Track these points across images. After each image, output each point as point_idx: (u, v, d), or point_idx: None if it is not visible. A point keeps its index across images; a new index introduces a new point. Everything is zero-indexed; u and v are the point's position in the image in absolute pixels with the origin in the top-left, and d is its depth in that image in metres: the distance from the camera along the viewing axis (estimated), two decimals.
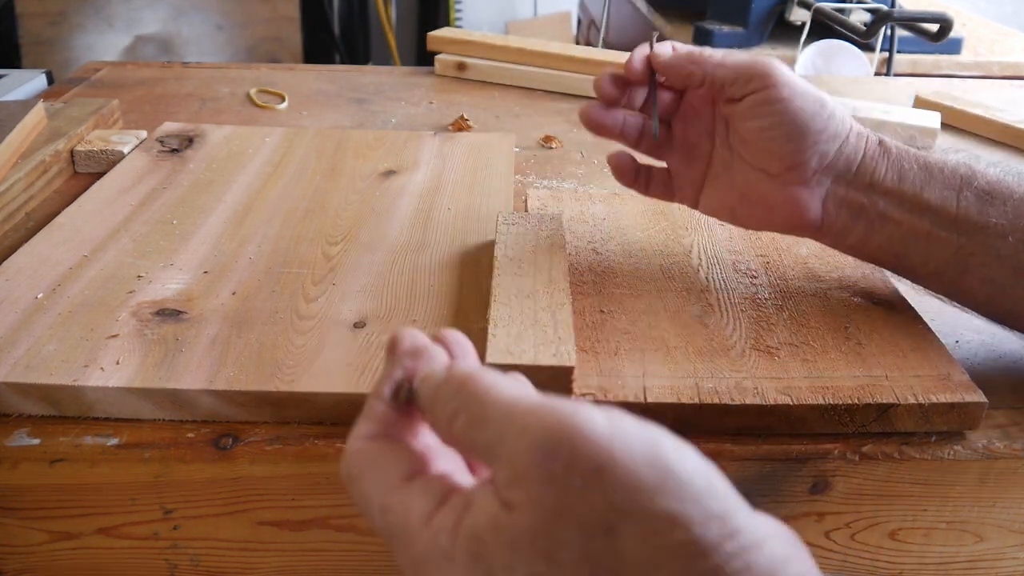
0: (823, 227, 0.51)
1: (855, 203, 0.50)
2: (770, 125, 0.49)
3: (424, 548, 0.27)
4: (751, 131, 0.50)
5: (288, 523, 0.45)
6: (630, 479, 0.24)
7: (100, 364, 0.46)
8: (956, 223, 0.48)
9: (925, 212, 0.49)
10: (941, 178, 0.49)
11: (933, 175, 0.49)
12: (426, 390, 0.30)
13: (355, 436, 0.31)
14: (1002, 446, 0.45)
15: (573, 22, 3.16)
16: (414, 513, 0.28)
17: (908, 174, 0.49)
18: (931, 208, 0.49)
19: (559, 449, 0.25)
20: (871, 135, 0.51)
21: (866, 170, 0.50)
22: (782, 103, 0.48)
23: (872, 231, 0.50)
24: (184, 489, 0.44)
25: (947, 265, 0.49)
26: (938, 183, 0.49)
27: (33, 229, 0.63)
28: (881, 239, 0.50)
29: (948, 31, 1.29)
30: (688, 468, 0.25)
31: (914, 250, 0.49)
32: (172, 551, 0.45)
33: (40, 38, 2.29)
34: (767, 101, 0.48)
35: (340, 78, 1.08)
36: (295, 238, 0.61)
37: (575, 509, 0.25)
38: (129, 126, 0.87)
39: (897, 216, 0.49)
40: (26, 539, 0.45)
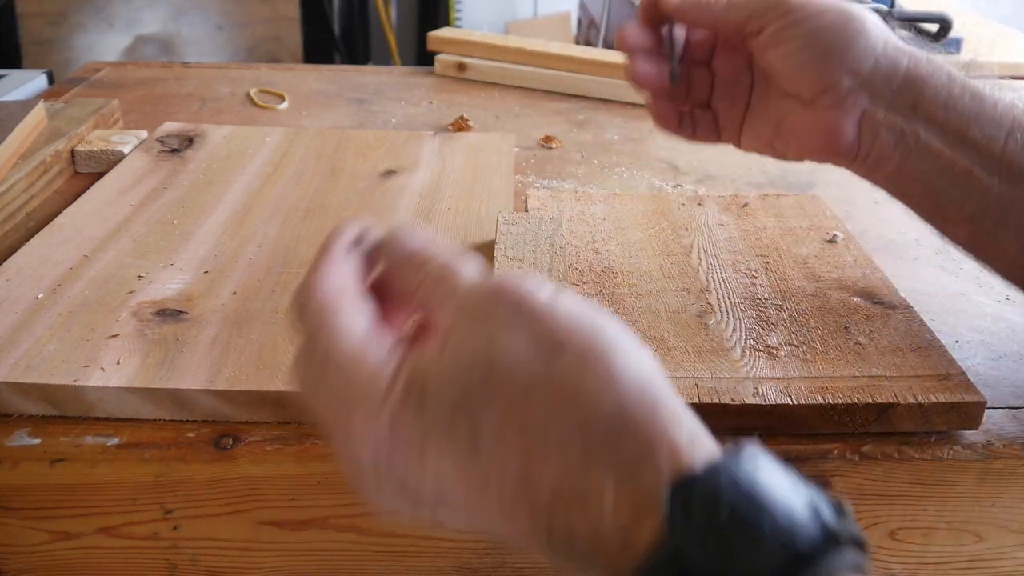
0: (859, 154, 0.48)
1: (894, 127, 0.46)
2: (792, 51, 0.46)
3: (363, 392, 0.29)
4: (776, 59, 0.47)
5: (288, 523, 0.45)
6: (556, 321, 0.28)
7: (100, 364, 0.46)
8: (1000, 166, 0.45)
9: (969, 148, 0.45)
10: (993, 114, 0.45)
11: (984, 108, 0.45)
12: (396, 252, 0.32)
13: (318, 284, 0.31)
14: (1002, 446, 0.45)
15: (573, 22, 3.16)
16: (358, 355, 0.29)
17: (957, 102, 0.45)
18: (976, 145, 0.45)
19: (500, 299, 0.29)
20: (918, 52, 0.47)
21: (909, 90, 0.46)
22: (800, 25, 0.46)
23: (908, 161, 0.46)
24: (184, 489, 0.44)
25: (984, 211, 0.45)
26: (988, 119, 0.45)
27: (33, 229, 0.63)
28: (917, 172, 0.46)
29: (948, 31, 1.29)
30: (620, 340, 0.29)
31: (951, 189, 0.46)
32: (172, 551, 0.45)
33: (40, 38, 2.29)
34: (784, 27, 0.46)
35: (340, 78, 1.08)
36: (295, 238, 0.61)
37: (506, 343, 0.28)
38: (129, 126, 0.87)
39: (937, 147, 0.45)
40: (26, 539, 0.45)
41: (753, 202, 0.68)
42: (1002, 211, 0.45)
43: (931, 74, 0.46)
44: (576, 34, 2.99)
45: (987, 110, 0.45)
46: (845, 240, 0.62)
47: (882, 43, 0.46)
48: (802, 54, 0.46)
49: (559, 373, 0.27)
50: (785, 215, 0.66)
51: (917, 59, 0.46)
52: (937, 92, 0.45)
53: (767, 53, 0.47)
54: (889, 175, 0.48)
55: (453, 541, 0.46)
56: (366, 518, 0.45)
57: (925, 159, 0.46)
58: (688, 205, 0.67)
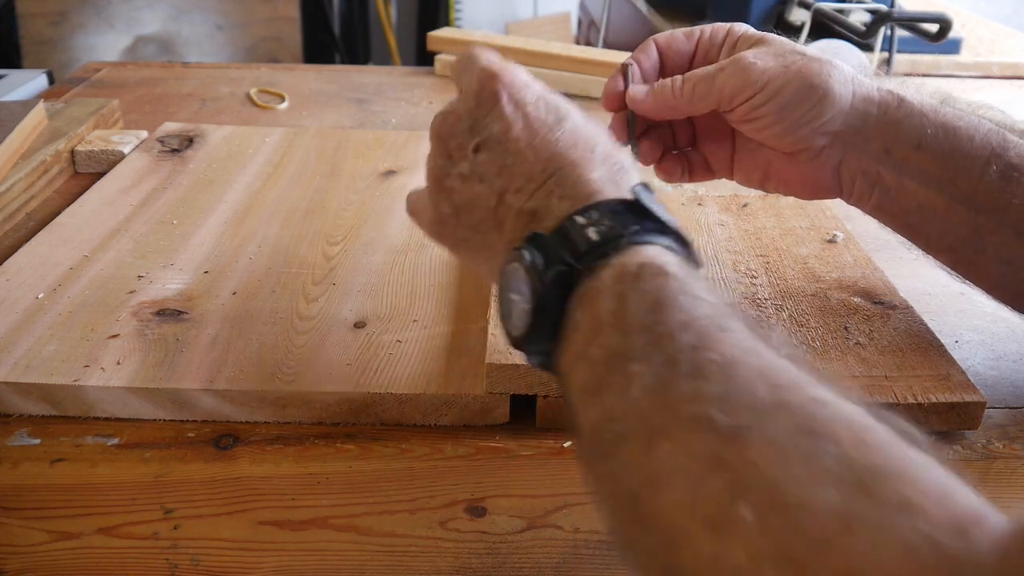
0: (843, 194, 0.50)
1: (869, 172, 0.48)
2: (764, 126, 0.48)
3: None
4: (751, 132, 0.49)
5: (288, 523, 0.45)
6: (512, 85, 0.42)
7: (101, 364, 0.46)
8: (976, 199, 0.46)
9: (944, 185, 0.46)
10: (968, 148, 0.46)
11: (960, 145, 0.46)
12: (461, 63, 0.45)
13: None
14: (1002, 446, 0.45)
15: (573, 22, 3.16)
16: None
17: (930, 142, 0.46)
18: (950, 182, 0.46)
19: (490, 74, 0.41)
20: (888, 96, 0.48)
21: (880, 138, 0.47)
22: (767, 104, 0.47)
23: (887, 199, 0.48)
24: (184, 489, 0.44)
25: (963, 242, 0.47)
26: (963, 154, 0.46)
27: (34, 229, 0.63)
28: (896, 208, 0.49)
29: (947, 31, 1.29)
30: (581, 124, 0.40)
31: (929, 224, 0.48)
32: (172, 551, 0.45)
33: (41, 38, 2.29)
34: (753, 107, 0.47)
35: (340, 78, 1.08)
36: (295, 238, 0.61)
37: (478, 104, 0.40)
38: (129, 126, 0.87)
39: (913, 187, 0.47)
40: (27, 539, 0.45)
41: (753, 202, 0.68)
42: (980, 241, 0.47)
43: (904, 117, 0.47)
44: (576, 34, 2.99)
45: (963, 146, 0.46)
46: (845, 240, 0.62)
47: (848, 100, 0.47)
48: (773, 128, 0.48)
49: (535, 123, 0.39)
50: (785, 215, 0.66)
51: (887, 105, 0.47)
52: (909, 136, 0.47)
53: (741, 127, 0.49)
54: (872, 209, 0.50)
55: (453, 541, 0.46)
56: (366, 518, 0.45)
57: (902, 197, 0.48)
58: (688, 205, 0.67)
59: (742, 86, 0.47)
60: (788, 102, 0.47)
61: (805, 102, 0.46)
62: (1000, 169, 0.46)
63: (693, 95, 0.49)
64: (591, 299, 0.32)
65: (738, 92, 0.47)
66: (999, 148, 0.46)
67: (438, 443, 0.44)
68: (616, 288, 0.32)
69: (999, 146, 0.46)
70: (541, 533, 0.46)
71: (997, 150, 0.46)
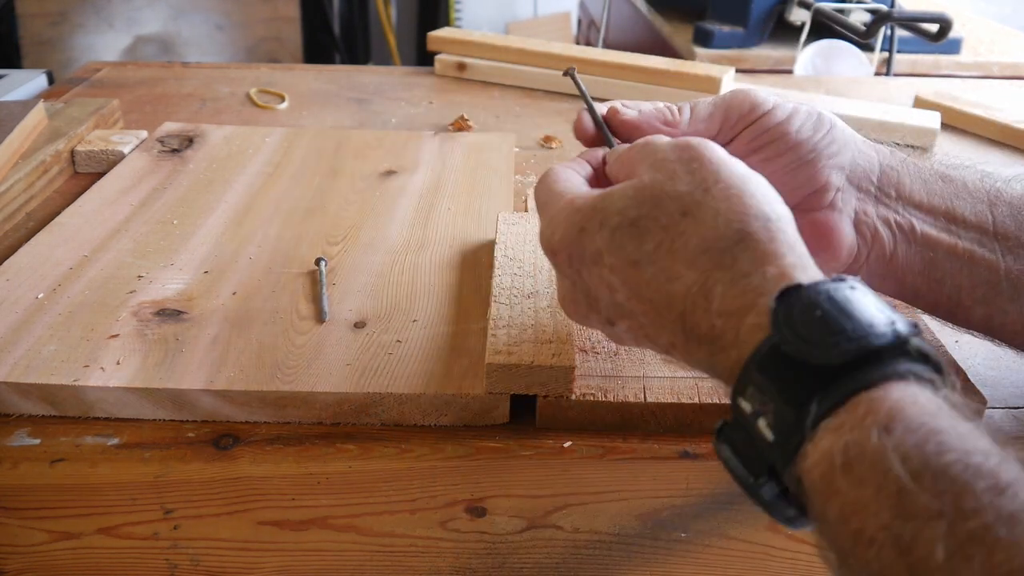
0: (858, 257, 0.44)
1: (887, 220, 0.44)
2: (775, 154, 0.43)
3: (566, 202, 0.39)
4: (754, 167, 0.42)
5: (288, 523, 0.45)
6: (732, 168, 0.36)
7: (100, 364, 0.46)
8: (997, 241, 0.43)
9: (962, 228, 0.43)
10: (967, 192, 0.44)
11: (959, 188, 0.44)
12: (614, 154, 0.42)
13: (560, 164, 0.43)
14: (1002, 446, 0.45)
15: (573, 22, 3.16)
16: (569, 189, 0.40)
17: (934, 186, 0.44)
18: (967, 223, 0.43)
19: (689, 148, 0.38)
20: (880, 144, 0.46)
21: (889, 181, 0.44)
22: (779, 127, 0.43)
23: (910, 254, 0.44)
24: (184, 489, 0.44)
25: (996, 290, 0.43)
26: (966, 196, 0.44)
27: (33, 229, 0.63)
28: (922, 264, 0.44)
29: (948, 31, 1.29)
30: (766, 182, 0.37)
31: (959, 274, 0.44)
32: (172, 551, 0.45)
33: (40, 38, 2.29)
34: (764, 129, 0.43)
35: (340, 78, 1.08)
36: (295, 238, 0.61)
37: (685, 175, 0.36)
38: (129, 126, 0.87)
39: (934, 235, 0.43)
40: (27, 539, 0.45)
41: None
42: (1012, 285, 0.43)
43: (900, 163, 0.45)
44: (576, 34, 2.99)
45: (961, 190, 0.44)
46: None
47: (852, 137, 0.45)
48: (787, 156, 0.43)
49: (705, 205, 0.35)
50: None
51: (884, 152, 0.45)
52: (913, 179, 0.44)
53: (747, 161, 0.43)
54: (895, 276, 0.45)
55: (453, 541, 0.46)
56: (366, 518, 0.45)
57: (927, 248, 0.44)
58: None
59: (750, 106, 0.44)
60: (801, 125, 0.43)
61: (818, 127, 0.43)
62: (1006, 209, 0.44)
63: (693, 116, 0.44)
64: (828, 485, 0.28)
65: (746, 112, 0.44)
66: (994, 190, 0.44)
67: (438, 443, 0.44)
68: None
69: (993, 188, 0.45)
70: (541, 533, 0.46)
71: (993, 192, 0.44)
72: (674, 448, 0.44)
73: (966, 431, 0.26)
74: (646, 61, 1.03)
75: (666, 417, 0.45)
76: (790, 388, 0.30)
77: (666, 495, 0.45)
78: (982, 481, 0.25)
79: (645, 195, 0.36)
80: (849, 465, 0.27)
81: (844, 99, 0.99)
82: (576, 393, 0.45)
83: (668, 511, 0.45)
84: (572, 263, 0.38)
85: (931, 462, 0.25)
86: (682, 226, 0.35)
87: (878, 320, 0.30)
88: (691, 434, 0.45)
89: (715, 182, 0.36)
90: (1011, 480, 0.25)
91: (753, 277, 0.33)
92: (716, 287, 0.34)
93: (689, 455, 0.44)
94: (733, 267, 0.34)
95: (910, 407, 0.27)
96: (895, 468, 0.26)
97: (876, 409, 0.27)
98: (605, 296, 0.37)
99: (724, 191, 0.36)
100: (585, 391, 0.45)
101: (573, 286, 0.39)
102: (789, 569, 0.48)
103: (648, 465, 0.44)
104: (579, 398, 0.45)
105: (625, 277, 0.36)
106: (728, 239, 0.34)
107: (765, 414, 0.30)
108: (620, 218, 0.36)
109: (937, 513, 0.24)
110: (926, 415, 0.27)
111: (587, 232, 0.37)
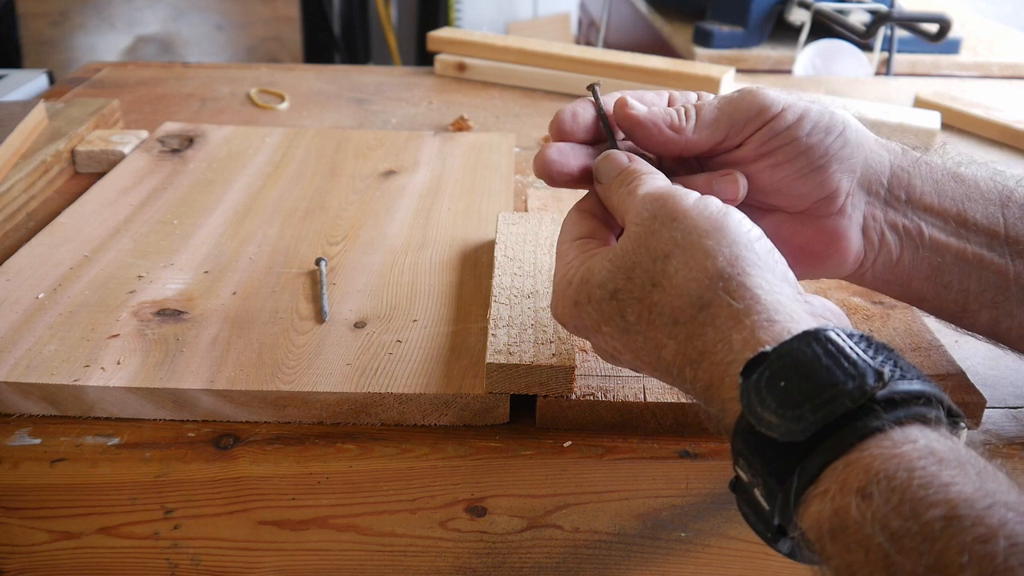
0: (864, 262, 0.44)
1: (896, 226, 0.43)
2: (786, 157, 0.41)
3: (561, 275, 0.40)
4: (763, 172, 0.42)
5: (288, 523, 0.45)
6: (692, 225, 0.36)
7: (101, 364, 0.46)
8: (1008, 245, 0.42)
9: (973, 232, 0.42)
10: (980, 193, 0.43)
11: (971, 190, 0.43)
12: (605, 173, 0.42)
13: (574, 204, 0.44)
14: (1002, 446, 0.45)
15: (573, 22, 3.16)
16: (566, 257, 0.41)
17: (946, 187, 0.43)
18: (978, 227, 0.42)
19: (655, 206, 0.37)
20: (893, 144, 0.44)
21: (899, 184, 0.43)
22: (789, 131, 0.41)
23: (917, 259, 0.43)
24: (185, 489, 0.44)
25: (1005, 294, 0.42)
26: (978, 198, 0.43)
27: (34, 229, 0.63)
28: (930, 269, 0.43)
29: (947, 31, 1.29)
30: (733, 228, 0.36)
31: (967, 279, 0.43)
32: (173, 551, 0.45)
33: (41, 38, 2.29)
34: (773, 134, 0.41)
35: (340, 78, 1.08)
36: (295, 238, 0.62)
37: (650, 241, 0.36)
38: (130, 126, 0.87)
39: (943, 239, 0.42)
40: (27, 539, 0.45)
41: None
42: (1021, 289, 0.42)
43: (912, 164, 0.43)
44: (576, 34, 2.99)
45: (973, 191, 0.43)
46: None
47: (864, 138, 0.43)
48: (797, 162, 0.42)
49: (667, 274, 0.36)
50: None
51: (895, 153, 0.44)
52: (924, 181, 0.43)
53: (752, 166, 0.42)
54: (901, 281, 0.44)
55: (453, 541, 0.46)
56: (366, 518, 0.45)
57: (934, 254, 0.43)
58: None
59: (758, 109, 0.41)
60: (811, 129, 0.41)
61: (830, 130, 0.42)
62: (1018, 212, 0.43)
63: (699, 122, 0.42)
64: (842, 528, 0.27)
65: (754, 116, 0.41)
66: (1006, 191, 0.43)
67: (438, 443, 0.44)
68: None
69: (1005, 189, 0.43)
70: (541, 533, 0.46)
71: (1005, 193, 0.43)
72: (674, 448, 0.44)
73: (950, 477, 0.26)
74: (646, 61, 1.03)
75: (666, 417, 0.45)
76: (772, 463, 0.30)
77: (666, 495, 0.45)
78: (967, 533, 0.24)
79: (620, 265, 0.37)
80: (835, 533, 0.27)
81: (844, 99, 0.99)
82: (576, 393, 0.45)
83: (668, 511, 0.45)
84: (579, 332, 0.40)
85: (909, 525, 0.25)
86: (654, 296, 0.36)
87: (844, 378, 0.29)
88: (691, 434, 0.45)
89: (675, 246, 0.36)
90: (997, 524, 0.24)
91: (720, 350, 0.33)
92: (690, 361, 0.34)
93: (689, 455, 0.44)
94: (701, 337, 0.34)
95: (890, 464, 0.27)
96: (877, 536, 0.26)
97: (853, 475, 0.27)
98: (618, 355, 0.39)
99: (683, 257, 0.35)
100: (585, 391, 0.45)
101: (594, 345, 0.41)
102: (789, 569, 0.48)
103: (648, 465, 0.44)
104: (579, 398, 0.45)
105: (624, 343, 0.38)
106: (691, 309, 0.35)
107: (757, 485, 0.31)
108: (602, 291, 0.38)
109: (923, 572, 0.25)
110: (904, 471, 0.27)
111: (581, 305, 0.39)
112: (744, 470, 0.31)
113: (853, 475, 0.27)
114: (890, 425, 0.28)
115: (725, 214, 0.36)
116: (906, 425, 0.28)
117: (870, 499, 0.26)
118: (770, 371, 0.30)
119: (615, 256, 0.38)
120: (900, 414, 0.29)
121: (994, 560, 0.24)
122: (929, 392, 0.30)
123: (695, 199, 0.37)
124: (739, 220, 0.36)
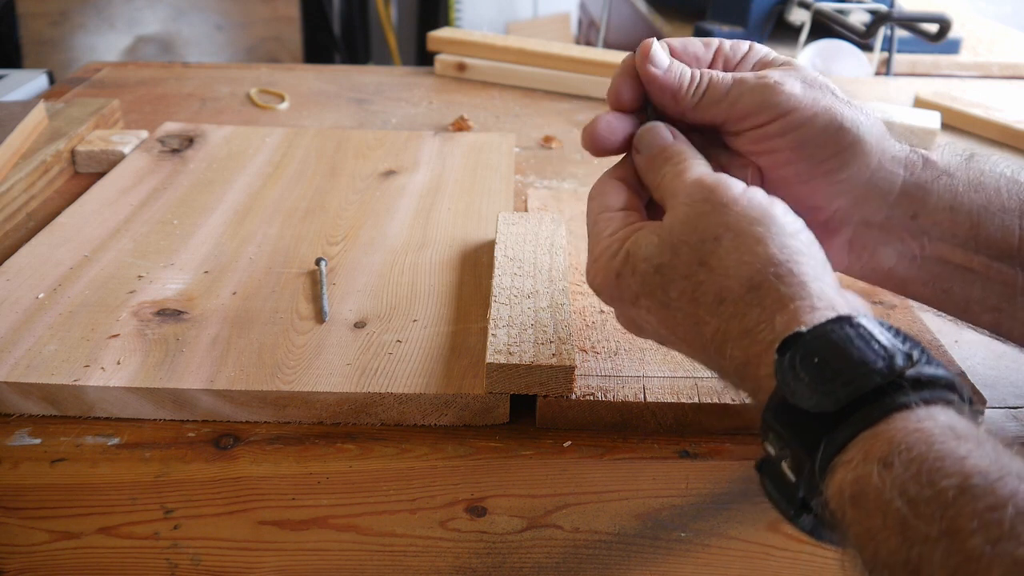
0: (850, 268, 0.44)
1: (892, 241, 0.42)
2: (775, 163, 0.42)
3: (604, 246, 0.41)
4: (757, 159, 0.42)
5: (288, 523, 0.45)
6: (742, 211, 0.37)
7: (101, 364, 0.46)
8: (1020, 255, 0.41)
9: (983, 244, 0.41)
10: (999, 203, 0.41)
11: (991, 200, 0.41)
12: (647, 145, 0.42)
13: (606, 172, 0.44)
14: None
15: (573, 22, 3.16)
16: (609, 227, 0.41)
17: (963, 200, 0.41)
18: (990, 240, 0.41)
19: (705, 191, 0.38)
20: (912, 155, 0.42)
21: (909, 202, 0.42)
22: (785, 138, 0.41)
23: (913, 269, 0.43)
24: (185, 489, 0.44)
25: (1009, 301, 0.42)
26: (997, 209, 0.41)
27: (34, 229, 0.63)
28: (927, 278, 0.43)
29: (947, 31, 1.29)
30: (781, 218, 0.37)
31: (970, 287, 0.42)
32: (173, 551, 0.45)
33: (41, 38, 2.29)
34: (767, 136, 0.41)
35: (340, 78, 1.08)
36: (295, 238, 0.62)
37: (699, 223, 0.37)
38: (130, 126, 0.87)
39: (947, 252, 0.42)
40: (27, 539, 0.45)
41: None
42: None
43: (931, 179, 0.42)
44: (576, 34, 2.99)
45: (994, 201, 0.41)
46: None
47: (877, 157, 0.41)
48: (784, 169, 0.41)
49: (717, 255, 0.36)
50: None
51: (914, 166, 0.42)
52: (940, 197, 0.42)
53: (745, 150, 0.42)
54: (893, 283, 0.44)
55: (453, 541, 0.46)
56: (366, 518, 0.45)
57: (935, 265, 0.42)
58: None
59: (760, 106, 0.40)
60: (811, 139, 0.40)
61: (831, 144, 0.41)
62: None
63: (702, 95, 0.42)
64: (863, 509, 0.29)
65: (754, 112, 0.41)
66: None
67: (438, 443, 0.44)
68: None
69: None
70: (541, 533, 0.46)
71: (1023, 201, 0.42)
72: (674, 448, 0.44)
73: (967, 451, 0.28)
74: None
75: (666, 417, 0.45)
76: (802, 434, 0.31)
77: (666, 495, 0.45)
78: (979, 501, 0.26)
79: (667, 242, 0.38)
80: (856, 499, 0.29)
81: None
82: (576, 393, 0.45)
83: (668, 511, 0.45)
84: (614, 302, 0.41)
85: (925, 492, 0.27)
86: (700, 276, 0.37)
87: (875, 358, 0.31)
88: (691, 434, 0.45)
89: (726, 229, 0.37)
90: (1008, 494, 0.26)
91: (763, 329, 0.34)
92: (731, 338, 0.35)
93: (688, 455, 0.44)
94: (746, 317, 0.35)
95: (912, 436, 0.29)
96: (895, 501, 0.27)
97: (877, 445, 0.29)
98: (648, 328, 0.40)
99: (734, 240, 0.36)
100: (585, 391, 0.45)
101: (621, 315, 0.42)
102: (789, 569, 0.48)
103: (648, 465, 0.44)
104: (579, 398, 0.45)
105: (661, 317, 0.39)
106: (740, 289, 0.35)
107: (786, 457, 0.32)
108: (647, 265, 0.38)
109: (936, 536, 0.26)
110: (923, 444, 0.28)
111: (623, 277, 0.39)
112: (773, 443, 0.33)
113: (877, 446, 0.29)
114: (916, 403, 0.30)
115: (772, 204, 0.37)
116: (930, 404, 0.30)
117: (891, 467, 0.28)
118: (805, 349, 0.32)
119: (663, 231, 0.38)
120: (926, 395, 0.30)
121: (1001, 526, 0.25)
122: (952, 379, 0.31)
123: (743, 188, 0.38)
124: (785, 211, 0.38)
